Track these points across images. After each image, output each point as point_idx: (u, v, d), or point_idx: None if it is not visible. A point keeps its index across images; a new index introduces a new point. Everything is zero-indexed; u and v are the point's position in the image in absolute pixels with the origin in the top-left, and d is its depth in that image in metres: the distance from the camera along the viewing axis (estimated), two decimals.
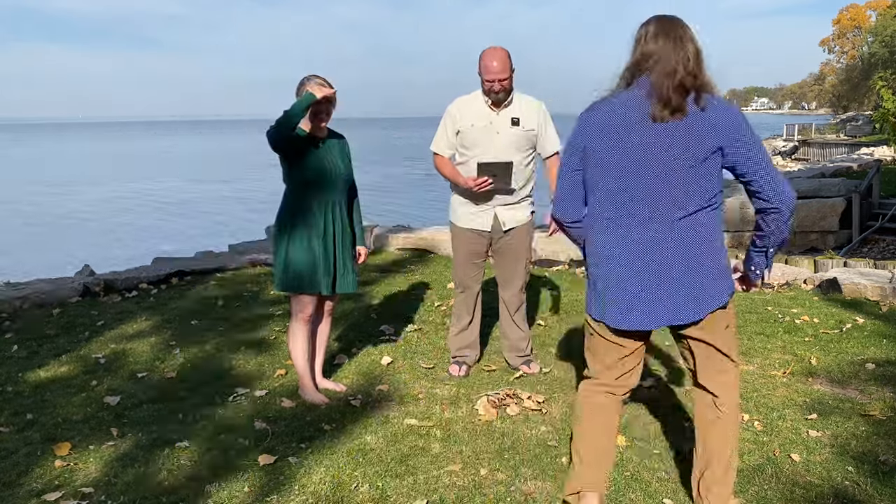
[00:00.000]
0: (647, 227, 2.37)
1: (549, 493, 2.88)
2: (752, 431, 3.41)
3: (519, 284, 4.18)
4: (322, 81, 3.64)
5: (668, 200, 2.34)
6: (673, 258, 2.36)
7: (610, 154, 2.39)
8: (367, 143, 79.76)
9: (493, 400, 3.72)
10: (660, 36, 2.36)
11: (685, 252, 2.36)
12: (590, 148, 2.44)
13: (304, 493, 2.88)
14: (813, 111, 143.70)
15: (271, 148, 3.57)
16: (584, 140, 2.45)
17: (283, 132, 3.47)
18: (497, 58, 3.79)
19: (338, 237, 3.74)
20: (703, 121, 2.31)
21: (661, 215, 2.35)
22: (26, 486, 2.97)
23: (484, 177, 3.85)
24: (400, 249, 8.14)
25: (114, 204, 28.73)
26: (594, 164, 2.44)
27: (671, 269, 2.36)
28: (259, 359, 4.50)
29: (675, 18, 2.41)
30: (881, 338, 4.74)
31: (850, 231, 14.60)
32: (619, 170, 2.38)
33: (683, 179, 2.32)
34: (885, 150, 29.13)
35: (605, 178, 2.42)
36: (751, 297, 5.86)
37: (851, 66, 75.85)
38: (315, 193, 3.66)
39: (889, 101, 16.68)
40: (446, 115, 4.04)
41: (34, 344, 4.82)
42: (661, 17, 2.42)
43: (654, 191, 2.34)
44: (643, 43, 2.39)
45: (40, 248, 19.60)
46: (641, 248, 2.38)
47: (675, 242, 2.35)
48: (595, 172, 2.44)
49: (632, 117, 2.36)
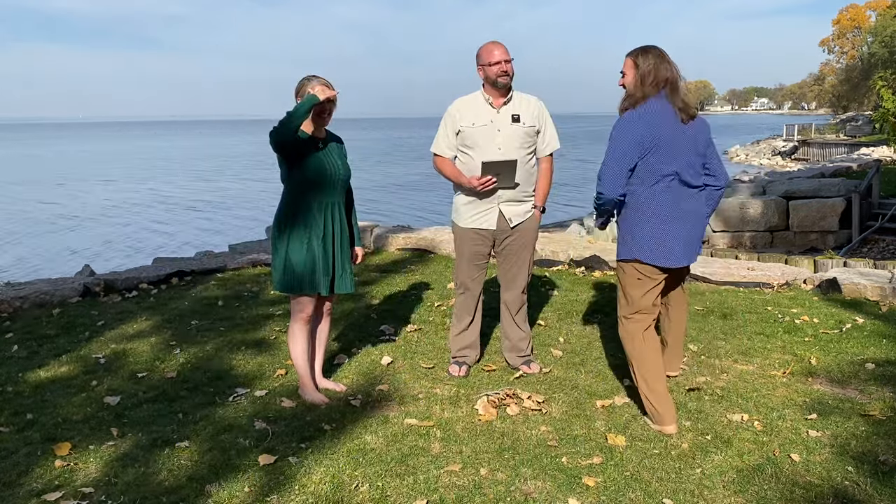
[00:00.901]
0: (691, 196, 3.42)
1: (549, 493, 2.88)
2: (752, 431, 3.41)
3: (521, 286, 4.18)
4: (324, 82, 3.64)
5: (698, 178, 3.45)
6: (699, 218, 3.49)
7: (673, 143, 3.34)
8: (367, 143, 79.78)
9: (493, 400, 3.72)
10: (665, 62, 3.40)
11: (703, 214, 3.52)
12: (661, 137, 3.31)
13: (304, 493, 2.89)
14: (813, 111, 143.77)
15: (273, 149, 3.58)
16: (655, 132, 3.31)
17: (285, 133, 3.48)
18: (497, 45, 3.89)
19: (337, 238, 3.75)
20: (699, 123, 3.47)
21: (696, 187, 3.44)
22: (26, 486, 2.97)
23: (488, 176, 3.85)
24: (400, 249, 8.14)
25: (114, 204, 28.75)
26: (663, 151, 3.32)
27: (699, 225, 3.50)
28: (259, 359, 4.50)
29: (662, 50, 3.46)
30: (881, 338, 4.74)
31: (850, 231, 14.61)
32: (677, 155, 3.35)
33: (700, 163, 3.47)
34: (884, 150, 29.15)
35: (670, 161, 3.34)
36: (751, 297, 5.86)
37: (851, 66, 75.86)
38: (315, 194, 3.67)
39: (889, 101, 16.69)
40: (446, 116, 4.05)
41: (34, 344, 4.82)
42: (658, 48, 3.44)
43: (693, 171, 3.41)
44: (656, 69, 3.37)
45: (40, 249, 19.60)
46: (690, 211, 3.42)
47: (700, 206, 3.49)
48: (661, 157, 3.32)
49: (673, 119, 3.35)
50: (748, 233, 14.95)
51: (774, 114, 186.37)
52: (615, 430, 3.44)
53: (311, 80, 3.65)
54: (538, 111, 4.03)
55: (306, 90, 3.62)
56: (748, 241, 14.87)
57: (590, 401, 3.78)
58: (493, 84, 3.91)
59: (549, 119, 4.10)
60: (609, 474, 3.02)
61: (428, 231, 8.45)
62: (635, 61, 3.45)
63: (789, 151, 44.34)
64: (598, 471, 3.05)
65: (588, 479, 2.97)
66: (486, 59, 3.87)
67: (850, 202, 14.60)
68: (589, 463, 3.12)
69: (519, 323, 4.24)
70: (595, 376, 4.14)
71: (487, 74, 3.89)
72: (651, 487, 2.92)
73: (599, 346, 4.69)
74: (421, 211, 25.18)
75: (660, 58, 3.40)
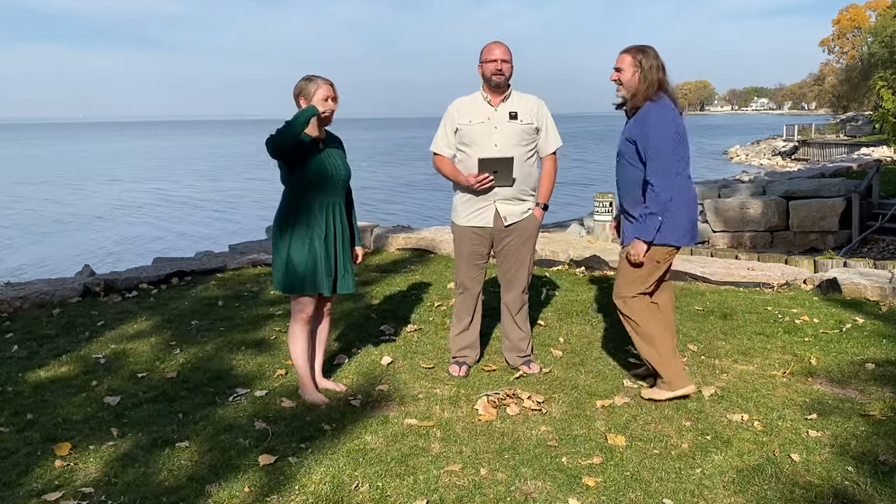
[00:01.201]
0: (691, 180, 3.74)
1: (549, 493, 2.88)
2: (752, 431, 3.41)
3: (521, 286, 4.18)
4: (328, 85, 3.62)
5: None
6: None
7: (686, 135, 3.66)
8: (367, 143, 79.76)
9: (493, 400, 3.72)
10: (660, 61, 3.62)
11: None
12: (683, 129, 3.63)
13: (304, 493, 2.89)
14: (813, 111, 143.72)
15: (270, 155, 3.56)
16: (680, 123, 3.62)
17: (284, 142, 3.48)
18: (499, 45, 3.96)
19: (338, 238, 3.75)
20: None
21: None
22: (26, 486, 2.97)
23: (485, 173, 3.86)
24: (400, 249, 8.14)
25: (114, 204, 28.75)
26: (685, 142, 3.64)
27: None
28: (259, 359, 4.50)
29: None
30: (881, 338, 4.74)
31: (850, 231, 14.60)
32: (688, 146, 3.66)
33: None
34: (884, 150, 29.15)
35: (687, 151, 3.64)
36: (751, 297, 5.86)
37: (851, 66, 75.81)
38: (316, 195, 3.66)
39: (889, 101, 16.69)
40: (445, 116, 4.09)
41: (34, 344, 4.82)
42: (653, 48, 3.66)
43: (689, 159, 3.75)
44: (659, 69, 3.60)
45: (40, 249, 19.60)
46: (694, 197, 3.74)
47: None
48: (685, 147, 3.63)
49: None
50: (748, 233, 14.95)
51: (774, 114, 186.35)
52: (615, 430, 3.44)
53: (313, 80, 3.63)
54: (537, 109, 4.04)
55: (309, 91, 3.61)
56: (748, 241, 14.87)
57: (590, 401, 3.78)
58: (487, 81, 3.95)
59: (550, 117, 4.11)
60: (609, 474, 3.02)
61: (428, 231, 8.45)
62: (636, 59, 3.59)
63: (789, 151, 44.33)
64: (598, 471, 3.05)
65: (588, 479, 2.97)
66: (485, 56, 3.94)
67: (850, 202, 14.60)
68: (589, 463, 3.12)
69: (519, 323, 4.24)
70: (595, 376, 4.14)
71: (484, 71, 3.95)
72: (651, 487, 2.92)
73: (599, 346, 4.69)
74: (421, 211, 25.18)
75: (656, 58, 3.62)
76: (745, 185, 18.00)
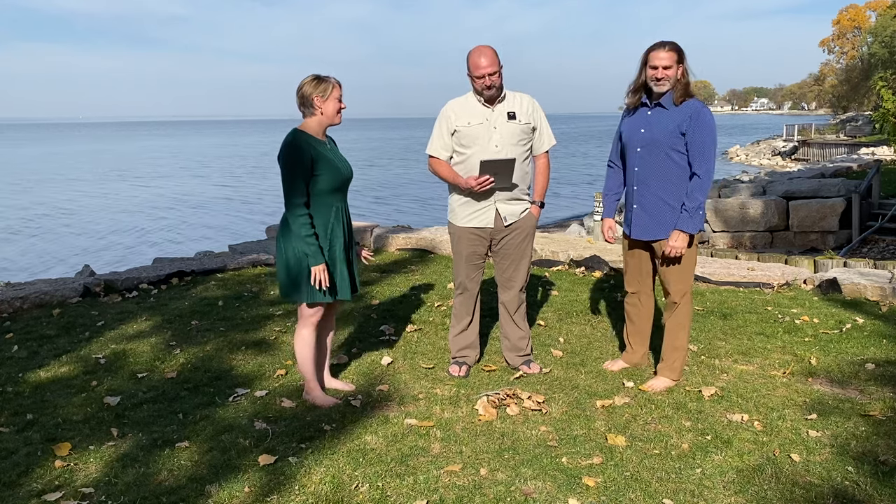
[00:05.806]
0: None
1: (549, 493, 2.88)
2: (752, 431, 3.41)
3: (519, 285, 4.18)
4: (336, 87, 3.59)
5: None
6: None
7: None
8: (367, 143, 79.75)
9: (493, 400, 3.72)
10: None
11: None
12: None
13: (304, 493, 2.89)
14: (813, 111, 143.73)
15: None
16: None
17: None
18: (484, 54, 3.81)
19: (347, 240, 3.71)
20: None
21: None
22: (26, 486, 2.97)
23: (486, 175, 3.85)
24: (400, 250, 8.14)
25: (114, 204, 28.75)
26: None
27: None
28: (259, 359, 4.50)
29: None
30: (881, 338, 4.74)
31: (850, 231, 14.61)
32: None
33: None
34: (885, 150, 29.15)
35: None
36: (751, 297, 5.86)
37: (851, 66, 75.80)
38: (332, 200, 3.58)
39: (889, 101, 16.70)
40: (441, 118, 4.02)
41: (34, 344, 4.82)
42: None
43: None
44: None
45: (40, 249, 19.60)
46: None
47: None
48: None
49: None
50: (748, 233, 14.96)
51: (774, 114, 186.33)
52: (615, 430, 3.44)
53: (327, 80, 3.55)
54: (531, 108, 4.03)
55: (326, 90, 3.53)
56: (748, 241, 14.88)
57: (590, 401, 3.78)
58: (479, 94, 3.92)
59: (543, 116, 4.10)
60: (609, 474, 3.02)
61: (428, 231, 8.45)
62: (681, 57, 3.70)
63: (789, 152, 44.32)
64: (598, 471, 3.05)
65: (588, 479, 2.97)
66: (471, 70, 3.84)
67: (850, 202, 14.61)
68: (589, 463, 3.12)
69: (518, 322, 4.23)
70: (595, 376, 4.14)
71: (473, 84, 3.90)
72: (651, 487, 2.92)
73: (599, 346, 4.69)
74: (421, 211, 25.18)
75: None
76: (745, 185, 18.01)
